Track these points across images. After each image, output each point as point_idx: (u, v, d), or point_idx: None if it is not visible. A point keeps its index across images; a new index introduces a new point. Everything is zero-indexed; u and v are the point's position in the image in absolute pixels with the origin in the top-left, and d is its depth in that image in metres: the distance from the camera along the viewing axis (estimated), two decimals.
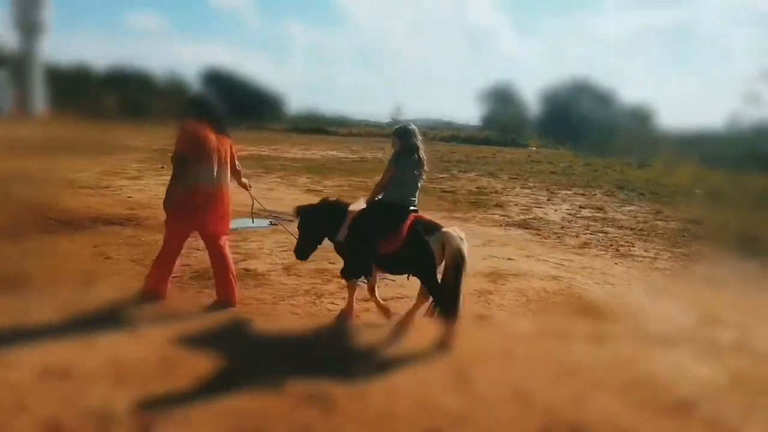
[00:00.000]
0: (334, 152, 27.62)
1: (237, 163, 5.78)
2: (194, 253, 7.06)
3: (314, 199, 6.35)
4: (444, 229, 5.07)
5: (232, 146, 5.69)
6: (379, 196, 5.29)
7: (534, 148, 45.66)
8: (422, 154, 5.27)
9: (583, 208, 13.36)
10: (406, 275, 5.34)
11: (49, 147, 20.72)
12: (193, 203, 5.37)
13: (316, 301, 6.16)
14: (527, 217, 12.04)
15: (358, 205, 5.45)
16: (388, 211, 5.15)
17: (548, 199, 14.56)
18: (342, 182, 16.05)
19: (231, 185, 5.67)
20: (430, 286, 5.10)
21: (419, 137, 5.29)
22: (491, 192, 15.51)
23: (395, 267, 5.33)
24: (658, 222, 12.48)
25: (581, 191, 16.19)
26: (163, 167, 16.86)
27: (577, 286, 7.33)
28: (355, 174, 17.94)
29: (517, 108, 65.70)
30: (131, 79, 54.74)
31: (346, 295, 5.55)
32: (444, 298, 4.95)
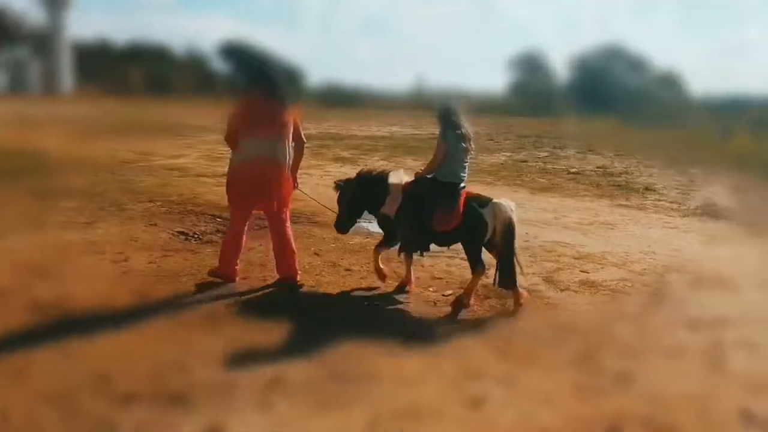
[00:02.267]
0: (395, 128, 26.53)
1: (304, 139, 5.40)
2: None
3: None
4: (495, 201, 5.14)
5: (297, 119, 5.29)
6: (431, 174, 5.20)
7: (570, 117, 44.39)
8: (468, 131, 5.20)
9: (738, 190, 11.67)
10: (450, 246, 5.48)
11: (107, 127, 20.31)
12: (249, 178, 5.10)
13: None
14: (701, 204, 10.29)
15: (398, 176, 5.34)
16: (443, 190, 5.10)
17: (691, 180, 12.96)
18: None
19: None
20: (474, 257, 5.16)
21: (460, 114, 5.20)
22: (621, 173, 14.25)
23: (447, 240, 5.32)
24: None
25: (707, 169, 14.51)
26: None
27: None
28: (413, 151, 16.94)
29: (547, 76, 64.24)
30: (152, 54, 53.94)
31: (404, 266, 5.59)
32: (503, 268, 5.04)
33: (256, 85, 5.21)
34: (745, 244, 7.83)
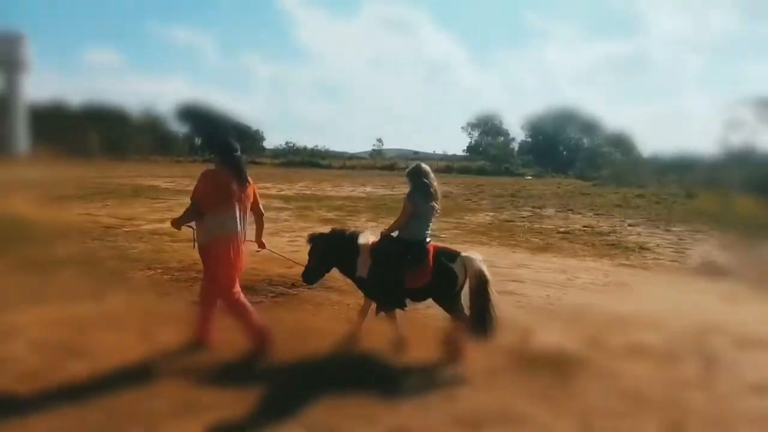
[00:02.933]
0: (368, 188, 26.40)
1: (260, 206, 5.57)
2: None
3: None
4: (463, 254, 5.27)
5: (255, 191, 5.44)
6: (395, 233, 5.37)
7: (529, 177, 45.44)
8: (435, 189, 5.39)
9: (728, 248, 11.83)
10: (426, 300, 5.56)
11: (74, 191, 19.60)
12: (216, 251, 5.16)
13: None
14: (701, 263, 10.51)
15: (365, 237, 5.48)
16: (409, 248, 5.24)
17: (679, 239, 13.09)
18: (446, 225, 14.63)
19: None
20: (453, 311, 5.29)
21: (431, 175, 5.41)
22: (609, 232, 14.17)
23: (420, 296, 5.43)
24: None
25: (688, 227, 14.72)
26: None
27: None
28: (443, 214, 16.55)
29: (504, 138, 66.12)
30: (108, 116, 53.03)
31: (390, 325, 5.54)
32: (476, 319, 5.09)
33: (221, 160, 5.24)
34: (765, 302, 7.88)
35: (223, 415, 4.06)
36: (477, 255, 5.27)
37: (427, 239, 5.31)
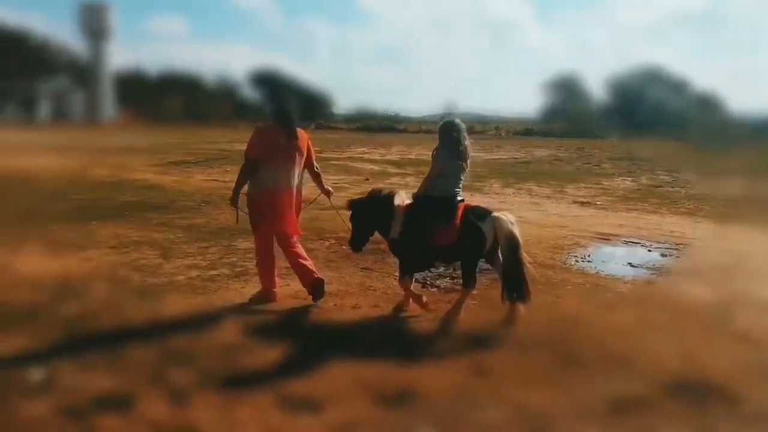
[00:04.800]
0: (477, 152, 25.45)
1: (316, 165, 5.71)
2: None
3: None
4: (494, 214, 5.05)
5: (310, 148, 5.57)
6: (426, 190, 5.24)
7: (614, 139, 43.40)
8: (465, 147, 5.18)
9: None
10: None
11: (174, 157, 19.44)
12: (270, 207, 5.34)
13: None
14: None
15: (400, 198, 5.32)
16: (437, 205, 5.10)
17: None
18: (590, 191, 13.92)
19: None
20: (468, 273, 5.14)
21: (462, 131, 5.20)
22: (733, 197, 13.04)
23: (450, 256, 5.30)
24: None
25: None
26: (368, 179, 15.15)
27: None
28: (577, 179, 15.98)
29: (584, 99, 63.72)
30: (185, 84, 53.08)
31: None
32: (506, 280, 4.96)
33: (273, 117, 5.42)
34: None
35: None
36: (510, 216, 5.09)
37: (457, 197, 5.14)
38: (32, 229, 8.08)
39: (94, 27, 38.39)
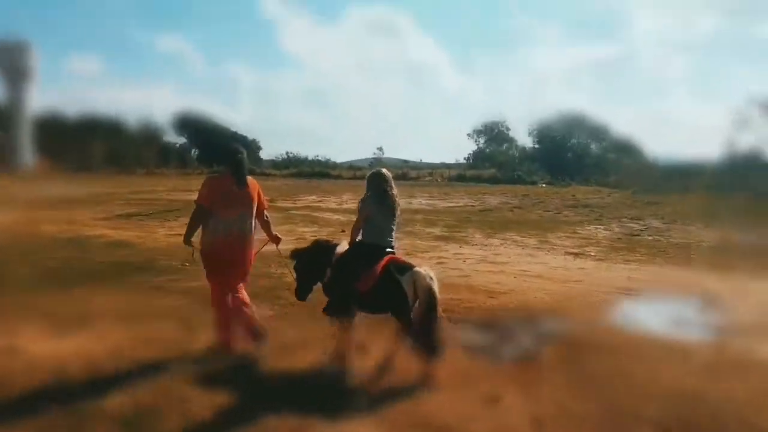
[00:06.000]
0: (418, 199, 24.95)
1: (266, 213, 5.80)
2: None
3: None
4: (415, 269, 5.14)
5: (261, 196, 5.69)
6: (358, 238, 5.45)
7: (543, 185, 44.77)
8: (392, 196, 5.42)
9: None
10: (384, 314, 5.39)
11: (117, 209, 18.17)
12: (225, 254, 5.38)
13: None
14: None
15: (342, 247, 5.48)
16: (364, 251, 5.28)
17: None
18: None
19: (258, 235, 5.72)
20: (403, 324, 5.15)
21: (390, 180, 5.47)
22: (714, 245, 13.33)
23: (372, 306, 5.32)
24: None
25: None
26: (344, 231, 14.45)
27: None
28: (551, 228, 15.82)
29: (510, 145, 65.55)
30: (104, 127, 50.93)
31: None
32: (420, 335, 4.99)
33: (224, 165, 5.54)
34: None
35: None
36: (429, 271, 5.16)
37: (387, 247, 5.32)
38: (16, 299, 7.05)
39: (13, 66, 36.13)
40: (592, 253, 11.66)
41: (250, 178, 5.56)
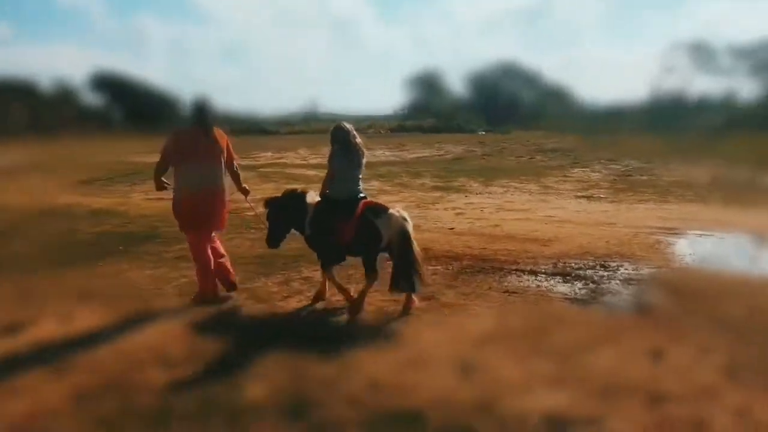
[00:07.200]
0: (390, 151, 24.18)
1: (235, 164, 5.83)
2: None
3: None
4: (390, 211, 5.39)
5: (230, 147, 5.72)
6: (327, 191, 5.62)
7: (482, 133, 44.84)
8: (357, 146, 5.60)
9: None
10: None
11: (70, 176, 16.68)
12: (198, 207, 5.46)
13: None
14: None
15: (311, 196, 5.64)
16: (337, 206, 5.46)
17: None
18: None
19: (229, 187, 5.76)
20: (368, 265, 5.42)
21: (352, 132, 5.64)
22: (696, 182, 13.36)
23: (356, 251, 5.54)
24: None
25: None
26: None
27: None
28: (523, 172, 15.61)
29: (445, 95, 65.32)
30: (19, 90, 47.92)
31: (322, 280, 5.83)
32: (399, 272, 5.27)
33: (191, 118, 5.55)
34: None
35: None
36: (403, 212, 5.42)
37: (357, 196, 5.50)
38: (37, 281, 6.18)
39: None
40: (602, 195, 11.55)
41: (217, 130, 5.59)
